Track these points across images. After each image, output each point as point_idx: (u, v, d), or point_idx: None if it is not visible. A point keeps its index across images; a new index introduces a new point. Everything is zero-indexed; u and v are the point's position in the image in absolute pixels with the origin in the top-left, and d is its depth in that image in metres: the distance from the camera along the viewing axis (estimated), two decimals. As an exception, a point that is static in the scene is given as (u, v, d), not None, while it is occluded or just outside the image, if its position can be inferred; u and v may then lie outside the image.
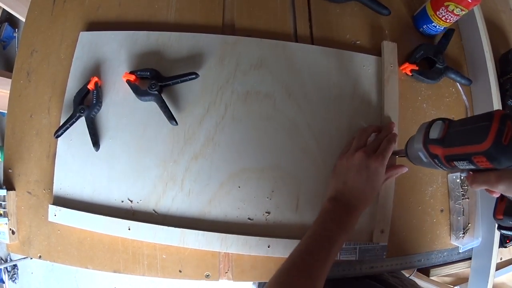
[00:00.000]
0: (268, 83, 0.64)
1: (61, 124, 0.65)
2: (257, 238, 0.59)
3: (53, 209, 0.63)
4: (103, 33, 0.68)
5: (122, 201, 0.62)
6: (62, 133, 0.64)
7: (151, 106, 0.63)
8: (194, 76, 0.62)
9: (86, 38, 0.69)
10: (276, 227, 0.60)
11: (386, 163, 0.54)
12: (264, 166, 0.62)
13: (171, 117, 0.61)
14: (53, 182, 0.65)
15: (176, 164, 0.62)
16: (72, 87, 0.67)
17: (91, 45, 0.68)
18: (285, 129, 0.63)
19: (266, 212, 0.61)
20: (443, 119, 0.43)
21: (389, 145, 0.55)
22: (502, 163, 0.35)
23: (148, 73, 0.63)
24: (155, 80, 0.61)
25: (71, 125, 0.64)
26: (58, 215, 0.63)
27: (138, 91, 0.62)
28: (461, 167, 0.40)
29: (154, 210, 0.61)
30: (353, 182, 0.53)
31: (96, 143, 0.62)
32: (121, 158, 0.63)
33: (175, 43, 0.66)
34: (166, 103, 0.62)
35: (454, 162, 0.40)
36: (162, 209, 0.61)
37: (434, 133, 0.42)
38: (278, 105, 0.63)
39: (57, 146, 0.65)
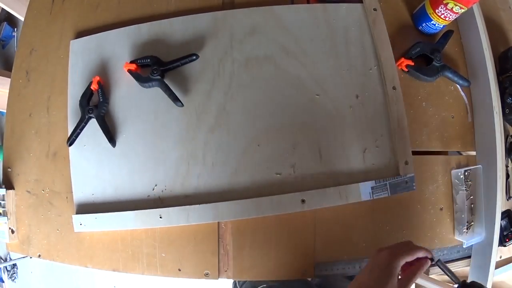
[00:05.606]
0: (265, 46, 0.66)
1: (70, 132, 0.64)
2: (290, 195, 0.59)
3: (78, 218, 0.62)
4: (94, 36, 0.69)
5: (148, 193, 0.62)
6: (74, 140, 0.63)
7: (157, 92, 0.64)
8: (194, 57, 0.63)
9: (77, 45, 0.69)
10: (305, 180, 0.61)
11: (400, 262, 0.45)
12: (280, 124, 0.63)
13: (176, 99, 0.62)
14: (53, 182, 0.65)
15: (194, 141, 0.63)
16: (74, 94, 0.67)
17: (84, 50, 0.69)
18: (291, 85, 0.64)
19: (292, 167, 0.61)
20: None
21: (414, 250, 0.47)
22: None
23: (149, 60, 0.63)
24: (156, 66, 0.62)
25: (81, 129, 0.64)
26: (85, 223, 0.62)
27: (141, 78, 0.63)
28: None
29: (181, 192, 0.61)
30: (360, 279, 0.47)
31: (111, 139, 0.63)
32: (137, 150, 0.63)
33: (167, 29, 0.67)
34: (170, 86, 0.62)
35: None
36: (190, 189, 0.61)
37: None
38: (279, 65, 0.65)
39: (70, 154, 0.65)
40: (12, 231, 0.67)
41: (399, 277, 0.46)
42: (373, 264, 0.47)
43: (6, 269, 1.78)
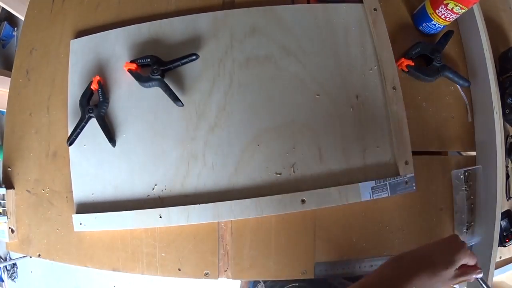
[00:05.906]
0: (265, 46, 0.66)
1: (70, 131, 0.64)
2: (290, 194, 0.59)
3: (78, 218, 0.62)
4: (94, 36, 0.69)
5: (148, 193, 0.62)
6: (74, 139, 0.63)
7: (157, 92, 0.64)
8: (194, 57, 0.64)
9: (77, 45, 0.69)
10: (305, 181, 0.61)
11: (466, 256, 0.47)
12: (280, 124, 0.63)
13: (176, 99, 0.62)
14: (53, 181, 0.65)
15: (194, 141, 0.63)
16: (74, 93, 0.67)
17: (84, 50, 0.69)
18: (292, 85, 0.64)
19: (292, 167, 0.61)
20: None
21: (475, 258, 0.49)
22: None
23: (149, 60, 0.64)
24: (157, 65, 0.62)
25: (82, 129, 0.64)
26: (84, 223, 0.62)
27: (141, 78, 0.63)
28: None
29: (181, 192, 0.61)
30: (424, 247, 0.48)
31: (111, 139, 0.63)
32: (137, 149, 0.63)
33: (167, 29, 0.67)
34: (170, 86, 0.63)
35: None
36: (190, 189, 0.61)
37: None
38: (279, 64, 0.65)
39: (70, 153, 0.65)
40: (12, 231, 0.67)
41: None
42: (448, 243, 0.48)
43: (6, 268, 1.78)
